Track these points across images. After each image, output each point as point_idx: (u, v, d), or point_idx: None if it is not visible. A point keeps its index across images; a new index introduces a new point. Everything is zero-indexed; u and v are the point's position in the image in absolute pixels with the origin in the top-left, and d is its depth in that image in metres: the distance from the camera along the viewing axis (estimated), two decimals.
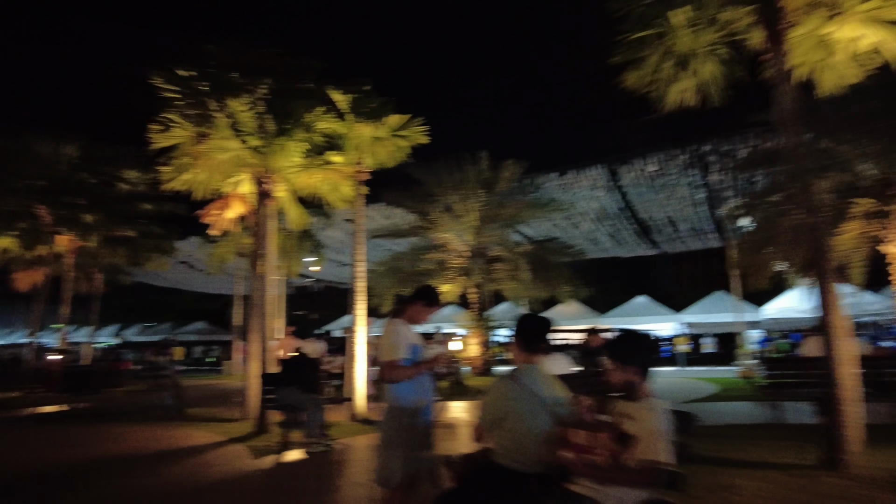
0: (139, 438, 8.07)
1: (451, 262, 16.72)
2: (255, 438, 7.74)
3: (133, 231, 17.47)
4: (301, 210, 11.29)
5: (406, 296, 3.59)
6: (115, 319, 46.74)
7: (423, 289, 3.59)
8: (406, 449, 3.14)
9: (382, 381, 3.32)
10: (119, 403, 12.56)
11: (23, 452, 7.30)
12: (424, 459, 3.23)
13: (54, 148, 15.79)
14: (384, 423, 3.26)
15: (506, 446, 2.47)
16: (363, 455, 6.83)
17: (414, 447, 3.18)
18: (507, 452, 2.46)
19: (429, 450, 3.31)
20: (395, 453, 3.14)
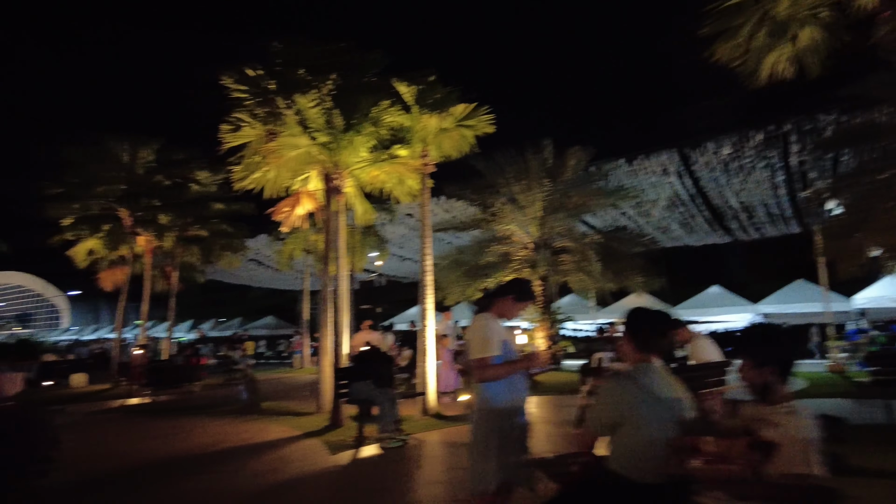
0: (219, 432, 8.27)
1: (515, 255, 16.40)
2: (330, 433, 7.78)
3: (205, 230, 18.12)
4: (367, 205, 11.31)
5: (494, 289, 3.36)
6: (190, 315, 49.09)
7: (514, 282, 3.38)
8: (501, 454, 2.93)
9: (472, 381, 3.12)
10: (197, 397, 13.04)
11: (111, 445, 7.61)
12: (521, 465, 3.02)
13: (131, 152, 16.55)
14: (476, 427, 3.06)
15: (622, 454, 2.22)
16: (439, 451, 6.72)
17: (509, 452, 2.97)
18: (623, 460, 2.22)
19: (525, 454, 3.10)
20: (489, 458, 2.93)
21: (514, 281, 3.41)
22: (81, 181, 16.17)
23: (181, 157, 17.29)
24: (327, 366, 9.54)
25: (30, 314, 73.97)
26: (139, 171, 16.64)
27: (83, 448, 7.28)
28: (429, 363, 8.80)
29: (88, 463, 6.38)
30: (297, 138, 8.40)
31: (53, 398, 13.28)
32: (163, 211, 16.63)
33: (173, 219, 16.88)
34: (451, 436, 7.45)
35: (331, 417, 8.33)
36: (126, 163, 16.45)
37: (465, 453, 6.53)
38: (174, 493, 5.10)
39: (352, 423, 8.36)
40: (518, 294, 3.21)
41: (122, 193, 16.32)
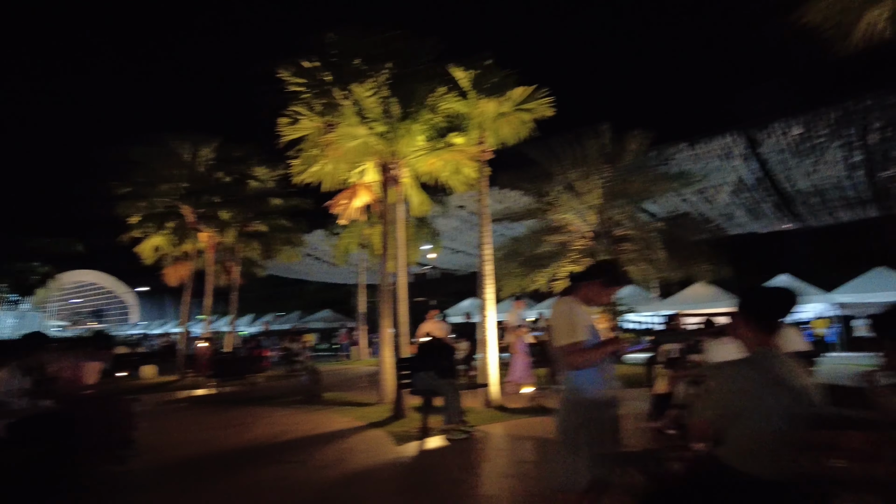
0: (284, 422, 8.36)
1: (573, 244, 15.98)
2: (394, 423, 7.73)
3: (265, 226, 18.52)
4: (423, 196, 11.22)
5: (580, 272, 3.11)
6: (251, 309, 50.70)
7: (602, 264, 3.14)
8: (592, 448, 2.71)
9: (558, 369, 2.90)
10: (261, 388, 13.33)
11: (182, 434, 7.80)
12: (615, 460, 2.80)
13: (192, 151, 17.06)
14: (564, 418, 2.84)
15: (742, 447, 1.97)
16: (505, 444, 6.55)
17: (601, 445, 2.75)
18: (743, 455, 1.97)
19: (618, 448, 2.87)
20: (579, 453, 2.71)
21: (602, 263, 3.18)
22: (147, 180, 16.79)
23: (240, 154, 17.69)
24: (388, 357, 9.52)
25: (103, 310, 78.31)
26: (200, 169, 17.14)
27: (155, 436, 7.49)
28: (490, 354, 8.63)
29: (161, 451, 6.54)
30: (354, 129, 8.36)
31: (127, 388, 13.88)
32: (223, 207, 17.07)
33: (234, 215, 17.31)
34: (516, 429, 7.27)
35: (393, 408, 8.29)
36: (188, 161, 16.96)
37: (532, 447, 6.36)
38: (246, 483, 5.12)
39: (415, 413, 8.31)
40: (606, 278, 2.96)
41: (184, 191, 16.85)
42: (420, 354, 7.33)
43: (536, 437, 6.79)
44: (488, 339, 8.64)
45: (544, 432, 7.00)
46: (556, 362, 2.93)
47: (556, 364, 3.00)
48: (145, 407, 10.74)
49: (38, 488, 4.72)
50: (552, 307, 2.98)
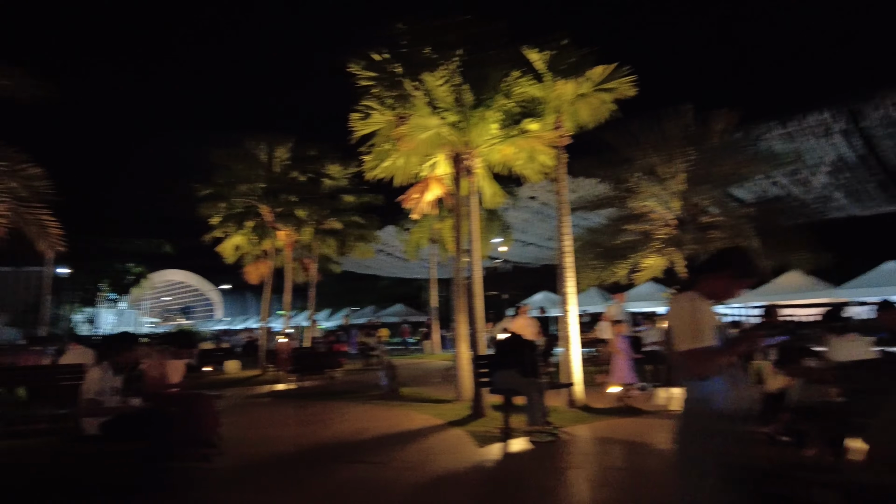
0: (363, 418, 8.29)
1: (656, 233, 15.12)
2: (474, 423, 7.46)
3: (339, 223, 18.77)
4: (496, 187, 10.87)
5: (703, 262, 2.67)
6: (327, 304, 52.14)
7: (731, 253, 2.69)
8: (721, 469, 2.29)
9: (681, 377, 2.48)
10: (339, 382, 13.46)
11: (264, 430, 7.86)
12: (748, 482, 2.36)
13: (268, 152, 17.48)
14: (687, 434, 2.43)
15: None
16: (594, 448, 6.12)
17: (731, 466, 2.32)
18: None
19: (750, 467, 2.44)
20: (706, 474, 2.30)
21: (731, 251, 2.73)
22: (226, 181, 17.37)
23: (314, 154, 17.98)
24: (464, 353, 9.27)
25: (190, 307, 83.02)
26: (276, 170, 17.53)
27: (239, 432, 7.59)
28: (573, 351, 8.20)
29: (245, 448, 6.57)
30: (426, 119, 8.12)
31: (212, 383, 14.40)
32: (300, 206, 17.40)
33: (309, 213, 17.62)
34: (603, 430, 6.83)
35: (472, 406, 8.02)
36: (264, 162, 17.40)
37: (624, 452, 5.91)
38: (330, 485, 5.00)
39: (494, 412, 8.02)
40: (737, 269, 2.51)
41: (262, 191, 17.30)
42: (500, 352, 7.00)
43: (626, 440, 6.33)
44: (571, 334, 8.20)
45: (635, 435, 6.53)
46: (676, 368, 2.51)
47: (674, 370, 2.58)
48: (229, 402, 11.04)
49: (128, 486, 4.79)
50: (670, 304, 2.57)
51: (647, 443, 6.20)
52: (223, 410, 9.61)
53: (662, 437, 6.46)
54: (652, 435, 6.53)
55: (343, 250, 19.92)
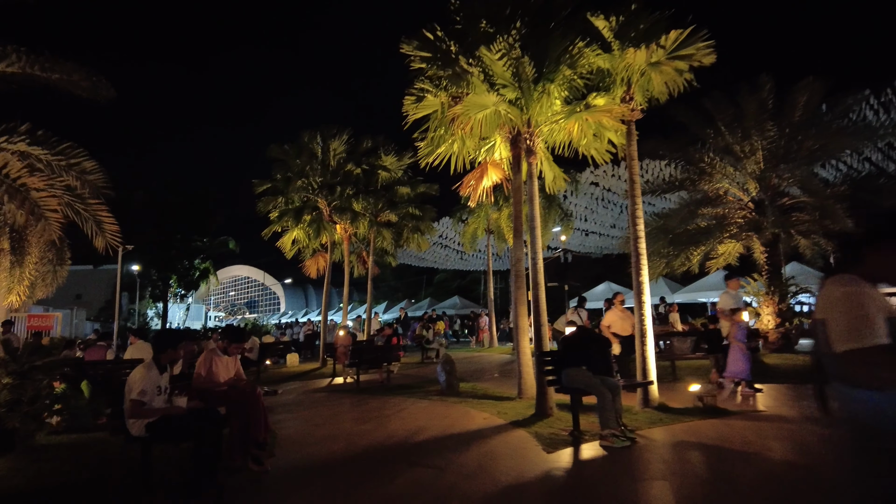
0: (421, 416, 7.89)
1: (732, 218, 14.02)
2: (538, 423, 6.89)
3: (395, 215, 18.51)
4: (557, 170, 10.19)
5: (869, 233, 2.00)
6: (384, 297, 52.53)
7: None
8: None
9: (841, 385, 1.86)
10: (397, 376, 13.16)
11: (320, 428, 7.58)
12: None
13: (324, 145, 17.38)
14: (855, 458, 1.82)
15: None
16: (677, 456, 5.43)
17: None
18: None
19: None
20: None
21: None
22: (283, 176, 17.41)
23: (369, 146, 17.77)
24: (525, 347, 8.72)
25: (255, 301, 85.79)
26: (332, 163, 17.42)
27: (293, 430, 7.34)
28: (649, 347, 7.48)
29: (298, 448, 6.28)
30: (483, 97, 7.56)
31: (272, 377, 14.45)
32: (356, 198, 17.23)
33: (365, 205, 17.44)
34: (684, 434, 6.12)
35: (536, 405, 7.46)
36: (320, 155, 17.31)
37: (712, 461, 5.21)
38: (385, 492, 4.58)
39: (561, 412, 7.44)
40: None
41: (318, 185, 17.23)
42: (568, 347, 6.39)
43: (712, 446, 5.62)
44: (646, 326, 7.48)
45: (721, 441, 5.80)
46: (832, 373, 1.89)
47: (828, 376, 1.94)
48: (288, 396, 10.94)
49: (174, 490, 4.53)
50: (821, 291, 1.94)
51: (737, 449, 5.47)
52: (280, 407, 9.52)
53: (753, 442, 5.72)
54: (741, 440, 5.79)
55: (399, 242, 19.65)
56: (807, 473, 4.64)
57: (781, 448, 5.46)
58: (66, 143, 7.30)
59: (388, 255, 20.99)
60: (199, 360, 5.44)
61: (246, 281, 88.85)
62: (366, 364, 11.90)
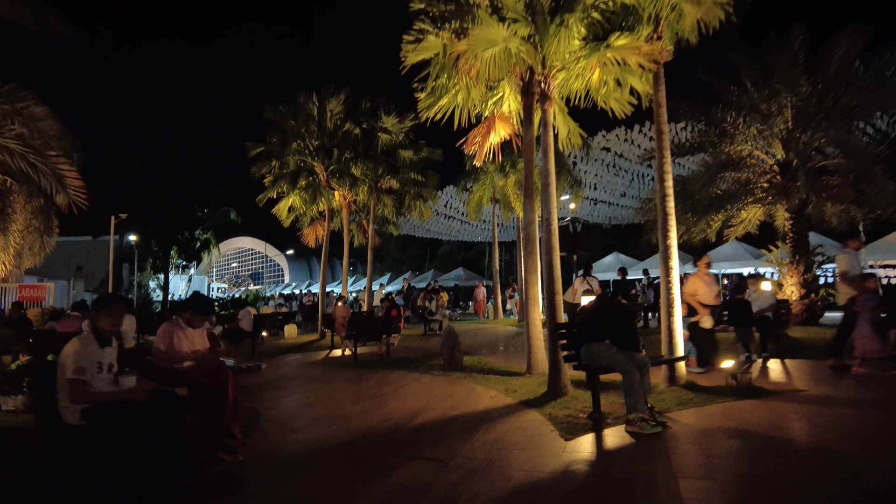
0: (421, 395, 7.15)
1: (757, 182, 13.06)
2: (552, 404, 6.12)
3: (396, 181, 17.59)
4: (573, 124, 9.24)
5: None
6: (388, 268, 51.92)
7: None
8: None
9: None
10: (397, 349, 12.46)
11: (309, 409, 6.86)
12: None
13: (320, 106, 16.37)
14: None
15: None
16: (714, 444, 4.64)
17: None
18: None
19: None
20: None
21: None
22: (278, 139, 16.47)
23: (368, 106, 16.77)
24: (535, 319, 7.91)
25: (259, 273, 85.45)
26: (329, 125, 16.44)
27: (281, 410, 6.62)
28: (676, 318, 6.65)
29: (281, 433, 5.56)
30: (491, 31, 6.59)
31: (267, 349, 13.77)
32: (355, 162, 16.32)
33: (365, 170, 16.53)
34: (720, 418, 5.33)
35: (549, 383, 6.69)
36: (316, 117, 16.32)
37: (754, 449, 4.40)
38: (377, 492, 3.82)
39: (576, 390, 6.68)
40: None
41: (315, 148, 16.29)
42: (589, 319, 5.56)
43: (754, 432, 4.84)
44: (673, 296, 6.64)
45: (762, 426, 5.03)
46: None
47: None
48: (281, 370, 10.24)
49: (126, 491, 3.77)
50: None
51: (788, 438, 4.68)
52: (270, 383, 8.80)
53: (805, 430, 4.93)
54: (790, 427, 5.00)
55: (401, 210, 18.76)
56: (882, 477, 3.83)
57: (840, 438, 4.65)
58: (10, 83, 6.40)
59: (390, 224, 20.12)
60: (158, 333, 4.65)
61: (250, 253, 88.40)
62: (364, 337, 11.17)
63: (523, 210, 7.98)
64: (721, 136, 13.54)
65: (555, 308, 6.77)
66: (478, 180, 21.93)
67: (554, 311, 6.78)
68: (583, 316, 5.53)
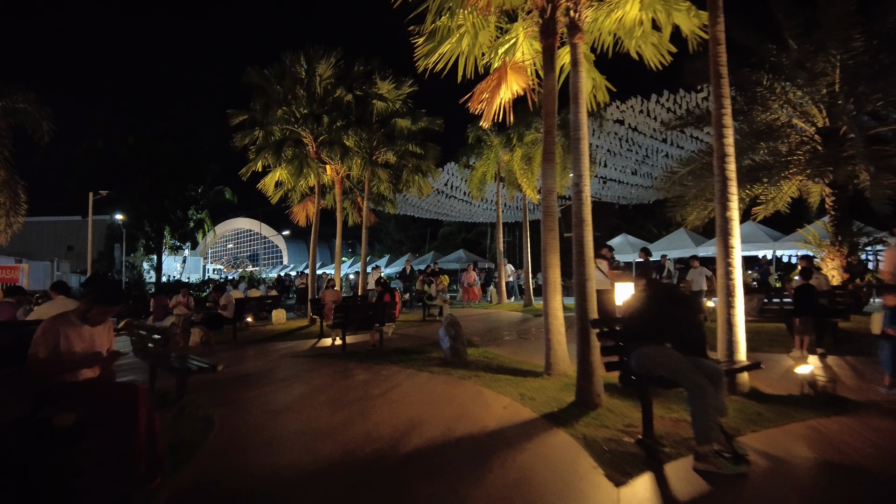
0: (417, 399, 5.82)
1: (796, 152, 11.62)
2: (584, 419, 4.78)
3: (393, 153, 16.12)
4: (600, 78, 7.81)
5: None
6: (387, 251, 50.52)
7: None
8: None
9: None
10: (392, 339, 11.13)
11: (276, 418, 5.52)
12: None
13: (309, 69, 14.83)
14: None
15: None
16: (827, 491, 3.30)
17: None
18: None
19: None
20: None
21: None
22: (262, 105, 14.97)
23: (362, 70, 15.22)
24: (556, 309, 6.55)
25: (257, 254, 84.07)
26: (318, 90, 14.92)
27: (242, 420, 5.27)
28: (738, 311, 5.28)
29: (234, 453, 4.21)
30: None
31: (252, 336, 12.46)
32: (346, 131, 14.83)
33: (358, 141, 15.05)
34: (807, 445, 4.01)
35: (577, 390, 5.34)
36: (304, 80, 14.79)
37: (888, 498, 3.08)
38: None
39: (611, 400, 5.33)
40: None
41: (303, 115, 14.79)
42: (643, 314, 4.11)
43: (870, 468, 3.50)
44: (735, 283, 5.26)
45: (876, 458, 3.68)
46: None
47: None
48: (258, 362, 8.93)
49: None
50: None
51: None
52: (240, 379, 7.46)
53: None
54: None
55: (398, 186, 17.28)
56: None
57: None
58: None
59: (387, 202, 18.65)
60: (37, 333, 3.26)
61: (248, 234, 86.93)
62: (353, 325, 9.81)
63: (542, 175, 6.57)
64: (750, 103, 12.07)
65: (585, 297, 5.38)
66: (481, 155, 20.44)
67: (584, 302, 5.38)
68: (631, 309, 4.14)
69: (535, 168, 18.62)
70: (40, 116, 15.79)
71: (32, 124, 15.75)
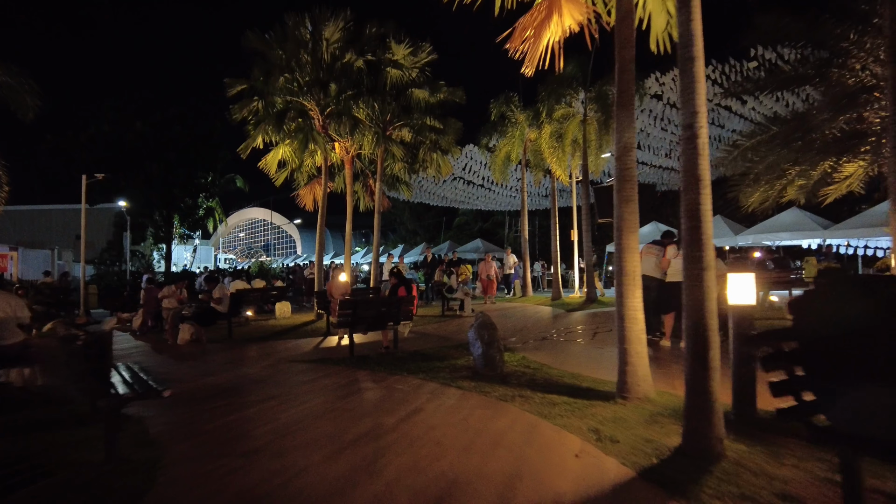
0: (446, 437, 4.16)
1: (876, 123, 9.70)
2: (710, 482, 3.08)
3: (408, 128, 14.37)
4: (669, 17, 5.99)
5: None
6: (402, 241, 48.91)
7: None
8: None
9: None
10: (407, 341, 9.46)
11: (250, 466, 3.88)
12: None
13: (315, 32, 13.11)
14: None
15: None
16: None
17: None
18: None
19: None
20: None
21: None
22: (263, 72, 13.29)
23: (373, 32, 13.46)
24: (635, 309, 4.81)
25: (270, 244, 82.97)
26: (325, 56, 13.19)
27: (199, 464, 3.63)
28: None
29: None
30: None
31: (249, 333, 10.91)
32: (356, 101, 13.11)
33: (370, 113, 13.33)
34: None
35: (686, 431, 3.63)
36: (309, 44, 13.07)
37: None
38: None
39: (735, 445, 3.61)
40: None
41: (307, 83, 13.09)
42: (863, 332, 2.31)
43: None
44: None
45: None
46: None
47: None
48: (248, 369, 7.33)
49: None
50: None
51: None
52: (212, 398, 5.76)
53: None
54: None
55: (414, 166, 15.54)
56: None
57: None
58: None
59: (401, 185, 16.91)
60: None
61: (262, 224, 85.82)
62: (363, 324, 8.14)
63: (617, 128, 4.83)
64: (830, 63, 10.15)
65: (703, 294, 3.60)
66: (505, 134, 18.63)
67: (701, 301, 3.61)
68: (827, 320, 2.36)
69: (566, 146, 16.81)
70: (22, 90, 14.30)
71: (15, 100, 14.27)
